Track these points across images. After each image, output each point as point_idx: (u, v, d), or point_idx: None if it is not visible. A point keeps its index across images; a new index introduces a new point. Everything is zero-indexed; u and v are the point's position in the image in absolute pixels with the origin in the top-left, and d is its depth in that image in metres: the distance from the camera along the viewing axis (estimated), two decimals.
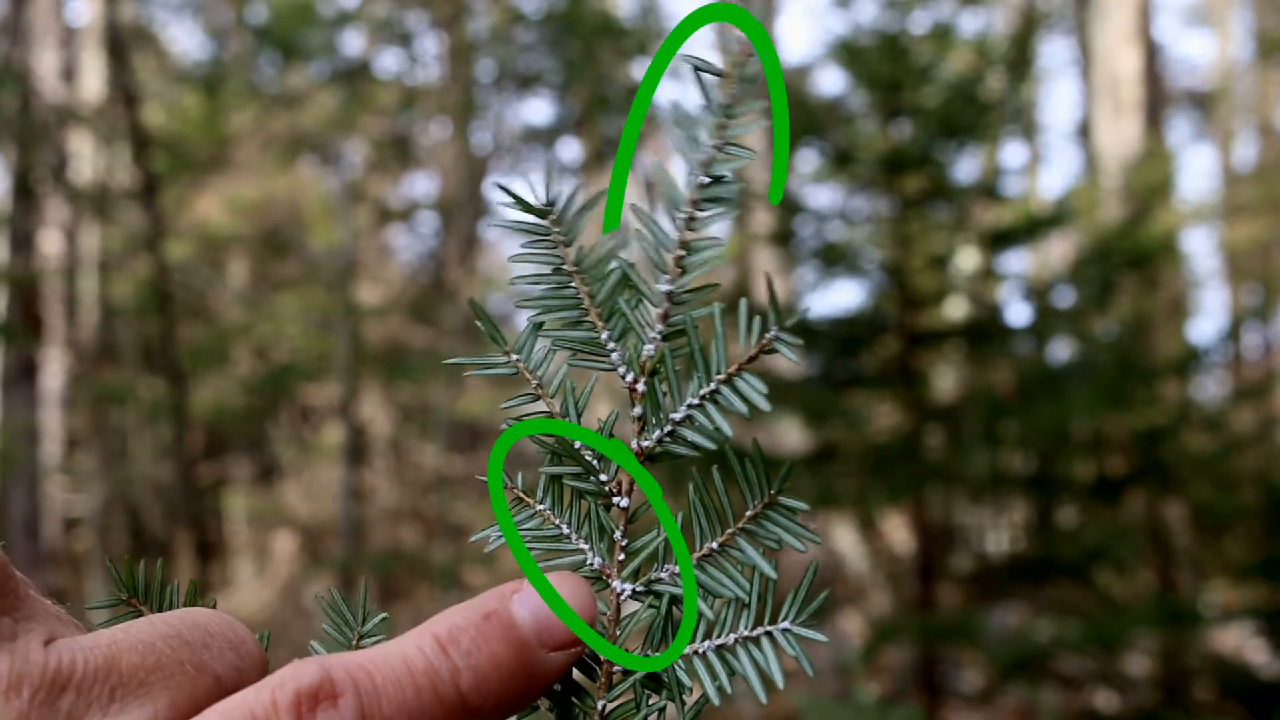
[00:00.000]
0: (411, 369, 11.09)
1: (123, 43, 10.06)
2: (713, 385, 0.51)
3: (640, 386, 0.52)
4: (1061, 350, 7.09)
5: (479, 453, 13.71)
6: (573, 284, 0.53)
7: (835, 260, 6.18)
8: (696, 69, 0.50)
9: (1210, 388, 10.22)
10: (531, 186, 0.53)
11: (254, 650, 0.49)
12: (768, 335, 0.49)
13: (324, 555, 11.33)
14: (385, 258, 15.34)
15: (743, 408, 0.50)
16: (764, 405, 0.49)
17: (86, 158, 10.38)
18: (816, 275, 6.45)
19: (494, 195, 0.53)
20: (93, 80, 10.21)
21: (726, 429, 0.50)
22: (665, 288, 0.51)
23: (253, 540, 12.51)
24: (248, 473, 13.35)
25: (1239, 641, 7.93)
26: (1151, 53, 11.93)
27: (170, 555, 9.45)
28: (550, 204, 0.53)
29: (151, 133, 10.24)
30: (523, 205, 0.53)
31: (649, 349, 0.52)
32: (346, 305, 10.47)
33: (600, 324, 0.53)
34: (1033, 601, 6.80)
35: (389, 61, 14.83)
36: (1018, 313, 8.72)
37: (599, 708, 0.52)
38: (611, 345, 0.53)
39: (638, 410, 0.53)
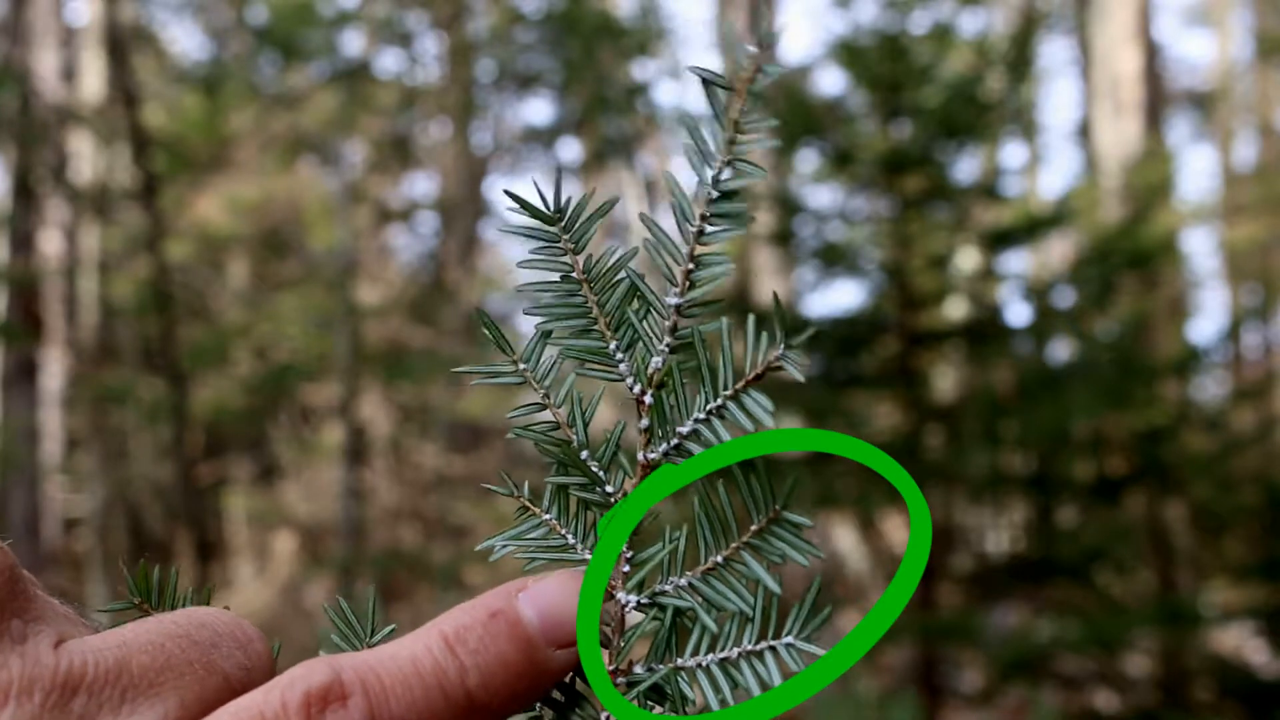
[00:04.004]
0: (411, 369, 11.09)
1: (123, 43, 10.06)
2: (719, 401, 0.51)
3: (647, 399, 0.52)
4: (1061, 350, 7.09)
5: (479, 453, 13.70)
6: (581, 292, 0.54)
7: (835, 260, 6.19)
8: (708, 83, 0.50)
9: (1210, 388, 10.22)
10: (540, 192, 0.53)
11: (261, 649, 0.50)
12: (775, 354, 0.50)
13: (324, 555, 11.32)
14: (385, 258, 15.34)
15: (749, 424, 0.50)
16: (769, 423, 0.49)
17: (86, 158, 10.38)
18: (816, 275, 6.46)
19: (501, 199, 0.53)
20: (93, 80, 10.21)
21: None
22: (674, 300, 0.51)
23: (253, 540, 12.50)
24: (248, 473, 13.33)
25: (1239, 641, 7.93)
26: (1151, 53, 11.93)
27: (170, 555, 9.45)
28: (560, 211, 0.53)
29: (151, 133, 10.24)
30: (531, 211, 0.53)
31: (657, 361, 0.52)
32: (346, 305, 10.48)
33: (608, 334, 0.53)
34: (1033, 601, 6.80)
35: (389, 61, 14.83)
36: (1018, 313, 8.71)
37: (601, 718, 0.52)
38: (619, 356, 0.53)
39: (644, 422, 0.53)
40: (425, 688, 0.46)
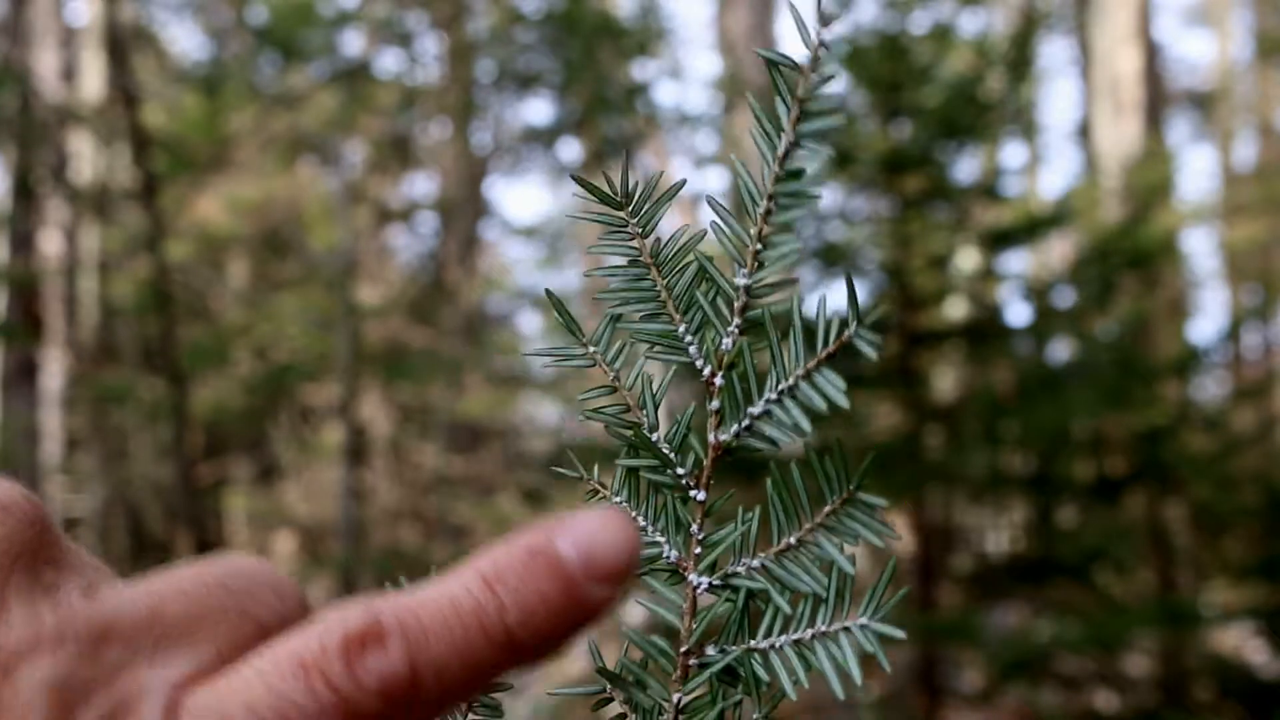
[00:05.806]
0: (411, 369, 11.08)
1: (123, 43, 10.05)
2: (791, 380, 0.51)
3: (718, 380, 0.52)
4: (1061, 350, 7.09)
5: (479, 453, 13.69)
6: (650, 276, 0.54)
7: (835, 260, 6.19)
8: (775, 64, 0.50)
9: (1210, 388, 10.25)
10: (609, 179, 0.54)
11: (295, 592, 0.49)
12: (847, 332, 0.50)
13: (324, 555, 11.31)
14: (385, 258, 15.32)
15: (822, 403, 0.50)
16: (843, 401, 0.49)
17: (86, 158, 10.36)
18: (816, 275, 6.46)
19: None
20: (93, 80, 10.20)
21: (806, 425, 0.50)
22: (744, 281, 0.52)
23: (253, 540, 12.48)
24: (248, 473, 13.32)
25: (1239, 641, 7.93)
26: (1151, 53, 11.95)
27: (170, 555, 9.43)
28: (628, 196, 0.53)
29: (151, 133, 10.22)
30: (600, 197, 0.53)
31: (727, 342, 0.52)
32: (346, 305, 10.46)
33: (678, 317, 0.53)
34: (1033, 601, 6.80)
35: (389, 61, 14.81)
36: (1018, 313, 8.74)
37: (674, 700, 0.52)
38: (689, 338, 0.53)
39: (715, 404, 0.53)
40: (465, 627, 0.45)
